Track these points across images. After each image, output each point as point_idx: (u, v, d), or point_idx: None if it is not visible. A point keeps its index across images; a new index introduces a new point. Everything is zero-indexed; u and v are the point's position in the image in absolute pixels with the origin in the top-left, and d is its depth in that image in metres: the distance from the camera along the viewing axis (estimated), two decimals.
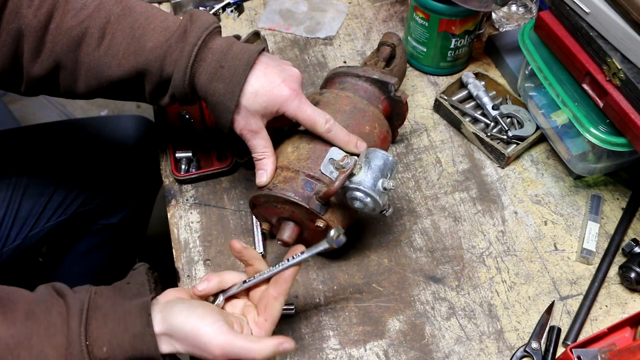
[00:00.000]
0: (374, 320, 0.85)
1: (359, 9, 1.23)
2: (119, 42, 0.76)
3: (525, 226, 0.94)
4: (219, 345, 0.64)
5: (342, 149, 0.78)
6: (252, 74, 0.76)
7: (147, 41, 0.75)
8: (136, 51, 0.75)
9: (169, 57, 0.75)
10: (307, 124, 0.78)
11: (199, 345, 0.64)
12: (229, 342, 0.64)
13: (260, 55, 0.78)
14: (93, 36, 0.76)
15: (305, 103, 0.77)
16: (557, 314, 0.86)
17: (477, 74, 1.08)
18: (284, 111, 0.77)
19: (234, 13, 1.22)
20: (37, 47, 0.75)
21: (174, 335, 0.65)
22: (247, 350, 0.64)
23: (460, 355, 0.82)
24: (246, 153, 0.86)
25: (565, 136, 0.95)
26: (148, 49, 0.75)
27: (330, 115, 0.78)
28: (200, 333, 0.64)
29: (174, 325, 0.65)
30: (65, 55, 0.76)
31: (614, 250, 0.90)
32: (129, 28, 0.76)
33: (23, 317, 0.63)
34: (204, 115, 1.05)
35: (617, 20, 0.80)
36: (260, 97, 0.76)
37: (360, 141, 0.79)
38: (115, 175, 1.21)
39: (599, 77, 0.84)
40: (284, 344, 0.66)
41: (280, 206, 0.80)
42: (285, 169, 0.80)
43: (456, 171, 1.00)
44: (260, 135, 0.79)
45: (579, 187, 0.98)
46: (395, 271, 0.89)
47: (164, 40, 0.75)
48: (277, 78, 0.76)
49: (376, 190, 0.74)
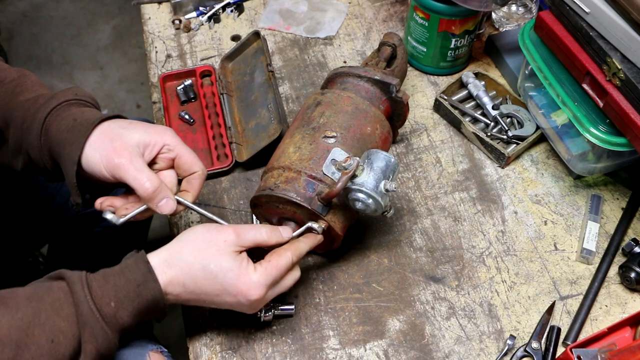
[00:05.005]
0: (374, 320, 0.85)
1: (359, 8, 1.23)
2: (1, 96, 0.77)
3: (525, 226, 0.94)
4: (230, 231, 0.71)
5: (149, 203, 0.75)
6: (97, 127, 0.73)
7: (20, 96, 0.76)
8: (8, 105, 0.76)
9: (32, 107, 0.75)
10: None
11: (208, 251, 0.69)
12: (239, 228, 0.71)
13: (106, 120, 0.75)
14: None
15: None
16: (557, 313, 0.86)
17: (477, 73, 1.08)
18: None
19: (234, 13, 1.22)
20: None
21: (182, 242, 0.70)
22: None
23: (460, 355, 0.82)
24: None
25: (565, 136, 0.95)
26: (18, 102, 0.76)
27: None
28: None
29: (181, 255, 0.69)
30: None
31: (614, 250, 0.90)
32: (13, 86, 0.78)
33: (25, 301, 0.64)
34: (204, 115, 1.05)
35: (617, 20, 0.80)
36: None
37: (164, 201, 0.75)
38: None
39: (599, 77, 0.84)
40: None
41: (281, 206, 0.80)
42: (287, 169, 0.80)
43: (456, 171, 1.00)
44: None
45: (579, 187, 0.98)
46: (395, 271, 0.89)
47: (35, 97, 0.76)
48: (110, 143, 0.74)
49: (378, 191, 0.74)
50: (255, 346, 0.82)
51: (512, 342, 0.82)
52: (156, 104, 1.09)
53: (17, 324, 0.62)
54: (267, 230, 0.74)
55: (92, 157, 0.71)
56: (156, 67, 1.15)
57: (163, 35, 1.20)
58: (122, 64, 2.46)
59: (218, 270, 0.69)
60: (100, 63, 2.46)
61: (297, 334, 0.84)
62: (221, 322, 0.84)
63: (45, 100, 0.74)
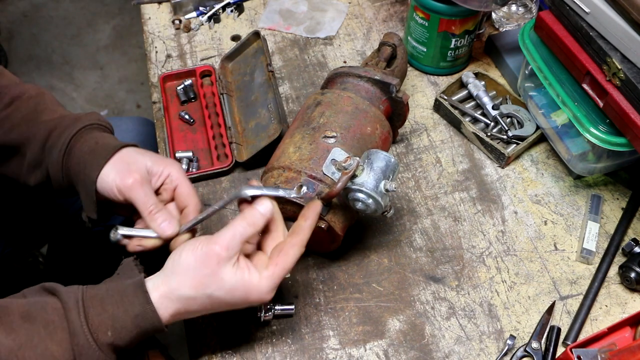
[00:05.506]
0: (374, 320, 0.85)
1: (359, 8, 1.23)
2: (21, 111, 0.82)
3: (525, 226, 0.94)
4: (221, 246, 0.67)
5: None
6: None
7: (44, 115, 0.82)
8: (31, 121, 0.81)
9: (59, 127, 0.80)
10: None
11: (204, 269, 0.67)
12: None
13: (125, 147, 0.80)
14: (2, 101, 0.82)
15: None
16: (557, 313, 0.86)
17: (477, 73, 1.08)
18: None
19: (234, 13, 1.22)
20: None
21: (176, 274, 0.67)
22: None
23: (460, 355, 0.82)
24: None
25: (565, 136, 0.95)
26: (42, 120, 0.81)
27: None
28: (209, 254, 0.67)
29: (175, 266, 0.68)
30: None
31: (614, 250, 0.90)
32: (34, 103, 0.83)
33: (20, 320, 0.63)
34: (204, 115, 1.05)
35: (617, 20, 0.80)
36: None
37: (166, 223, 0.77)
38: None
39: (599, 77, 0.84)
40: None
41: (281, 206, 0.80)
42: (287, 169, 0.80)
43: (456, 171, 1.00)
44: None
45: (579, 187, 0.98)
46: (395, 271, 0.89)
47: (59, 117, 0.82)
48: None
49: (378, 191, 0.74)
50: (255, 346, 0.82)
51: (512, 342, 0.82)
52: (156, 104, 1.09)
53: (9, 345, 0.62)
54: (245, 224, 0.69)
55: (107, 176, 0.76)
56: (156, 67, 1.15)
57: (163, 35, 1.20)
58: (122, 64, 2.46)
59: (224, 294, 0.68)
60: (100, 63, 2.46)
61: (297, 334, 0.84)
62: (221, 322, 0.84)
63: (70, 122, 0.80)
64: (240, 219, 0.69)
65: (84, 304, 0.65)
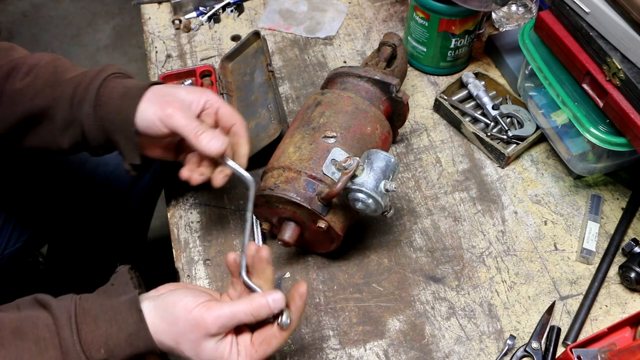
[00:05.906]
0: (374, 320, 0.85)
1: (359, 8, 1.23)
2: (42, 76, 0.81)
3: (525, 226, 0.94)
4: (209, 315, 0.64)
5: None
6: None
7: (66, 75, 0.81)
8: (54, 83, 0.80)
9: (83, 81, 0.79)
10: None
11: (190, 320, 0.64)
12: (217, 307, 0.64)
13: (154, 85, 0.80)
14: (21, 71, 0.81)
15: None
16: (557, 313, 0.86)
17: (477, 73, 1.08)
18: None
19: (234, 13, 1.22)
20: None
21: (164, 319, 0.65)
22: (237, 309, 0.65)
23: (460, 355, 0.82)
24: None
25: (565, 136, 0.95)
26: (65, 79, 0.80)
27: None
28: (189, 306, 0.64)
29: (165, 305, 0.65)
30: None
31: (614, 250, 0.90)
32: (52, 67, 0.82)
33: (11, 336, 0.62)
34: None
35: (617, 20, 0.80)
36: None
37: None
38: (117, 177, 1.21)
39: (599, 77, 0.84)
40: (273, 295, 0.66)
41: (281, 206, 0.80)
42: (287, 169, 0.80)
43: (456, 171, 1.00)
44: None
45: (579, 187, 0.98)
46: (395, 271, 0.90)
47: (81, 73, 0.81)
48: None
49: (378, 191, 0.74)
50: None
51: (512, 342, 0.82)
52: None
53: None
54: (249, 312, 0.65)
55: (145, 111, 0.75)
56: (156, 67, 1.15)
57: (163, 35, 1.20)
58: (122, 64, 2.45)
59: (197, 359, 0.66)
60: (100, 63, 2.45)
61: (297, 334, 0.84)
62: None
63: (94, 75, 0.79)
64: (247, 304, 0.65)
65: (77, 319, 0.63)
